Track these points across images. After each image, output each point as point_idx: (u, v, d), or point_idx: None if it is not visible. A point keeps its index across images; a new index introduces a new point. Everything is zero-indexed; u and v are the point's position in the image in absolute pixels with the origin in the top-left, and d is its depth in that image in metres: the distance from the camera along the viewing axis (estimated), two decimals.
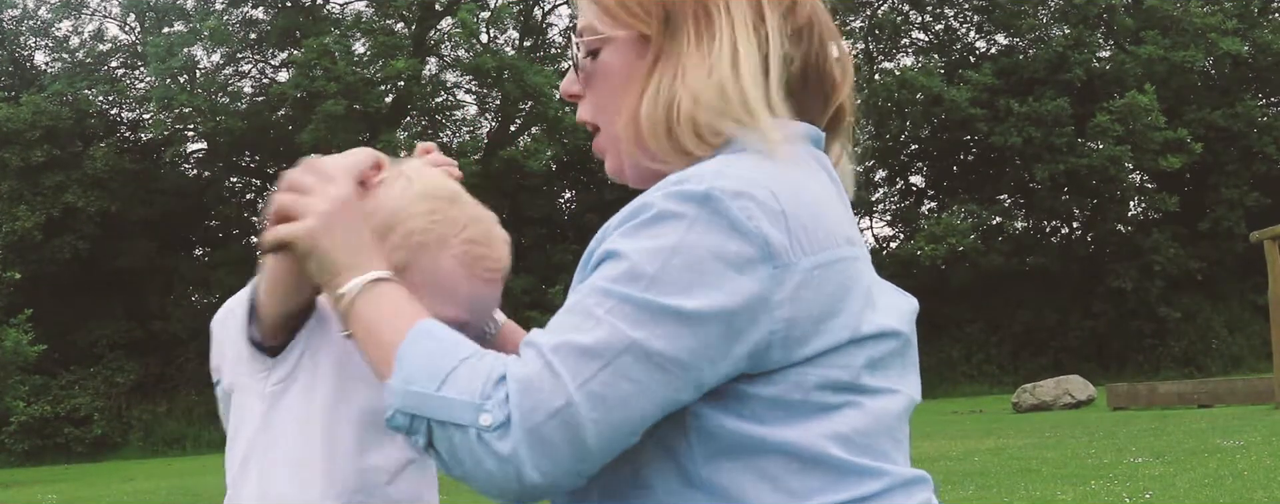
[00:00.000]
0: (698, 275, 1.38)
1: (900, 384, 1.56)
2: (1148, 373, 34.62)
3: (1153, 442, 14.43)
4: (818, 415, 1.47)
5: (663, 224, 1.41)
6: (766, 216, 1.41)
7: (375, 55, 36.13)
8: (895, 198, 42.53)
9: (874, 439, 1.51)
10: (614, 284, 1.40)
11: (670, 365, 1.38)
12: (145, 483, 20.70)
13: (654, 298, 1.38)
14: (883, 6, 41.69)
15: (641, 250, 1.40)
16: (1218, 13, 37.40)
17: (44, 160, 33.85)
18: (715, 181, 1.42)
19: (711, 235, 1.39)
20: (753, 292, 1.40)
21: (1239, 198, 36.94)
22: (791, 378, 1.45)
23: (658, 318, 1.38)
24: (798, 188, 1.47)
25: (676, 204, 1.41)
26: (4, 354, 28.31)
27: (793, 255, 1.42)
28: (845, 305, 1.47)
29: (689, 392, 1.41)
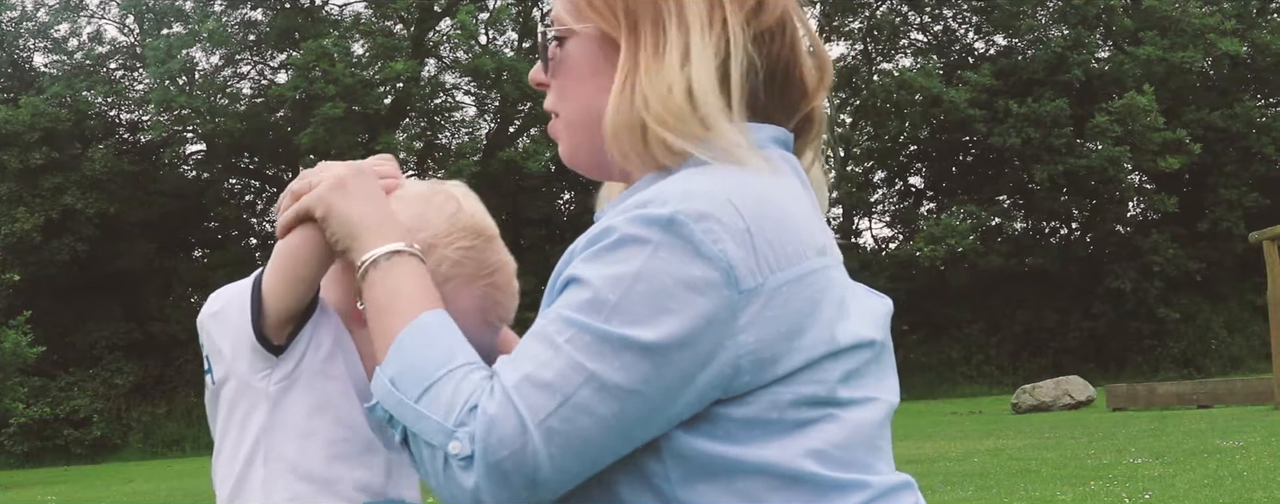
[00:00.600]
0: (660, 304, 1.37)
1: (877, 391, 1.54)
2: (1147, 374, 34.62)
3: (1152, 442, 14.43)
4: (794, 432, 1.45)
5: (626, 249, 1.40)
6: (731, 237, 1.39)
7: (374, 57, 36.12)
8: (894, 199, 42.54)
9: (853, 451, 1.49)
10: (575, 312, 1.39)
11: (630, 397, 1.38)
12: (145, 484, 20.70)
13: (613, 329, 1.37)
14: (881, 7, 41.70)
15: (604, 277, 1.39)
16: (1216, 13, 37.40)
17: (43, 162, 33.84)
18: (680, 204, 1.40)
19: (674, 262, 1.38)
20: (715, 318, 1.38)
21: (1238, 198, 36.94)
22: (765, 397, 1.44)
23: (617, 349, 1.37)
24: (765, 200, 1.45)
25: (640, 229, 1.40)
26: (3, 356, 28.29)
27: (759, 275, 1.40)
28: (817, 319, 1.45)
29: (656, 423, 1.41)
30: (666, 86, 1.49)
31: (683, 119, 1.48)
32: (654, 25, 1.53)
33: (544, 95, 1.66)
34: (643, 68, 1.51)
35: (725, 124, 1.49)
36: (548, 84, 1.66)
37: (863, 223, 42.05)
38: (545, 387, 1.37)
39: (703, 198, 1.41)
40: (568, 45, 1.61)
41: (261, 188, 41.09)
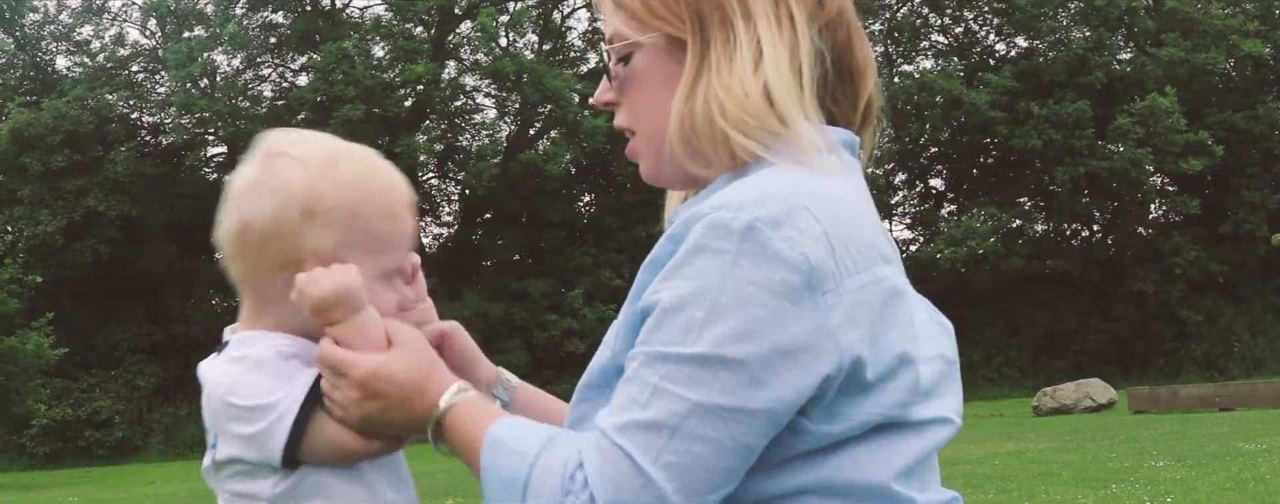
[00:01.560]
0: (747, 315, 1.36)
1: (947, 410, 1.55)
2: (1169, 376, 34.49)
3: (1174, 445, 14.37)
4: (879, 450, 1.46)
5: (703, 261, 1.38)
6: (810, 240, 1.38)
7: (394, 59, 36.20)
8: (915, 201, 42.48)
9: (922, 470, 1.52)
10: (664, 346, 1.38)
11: (738, 416, 1.37)
12: (166, 486, 20.77)
13: (704, 351, 1.36)
14: (902, 9, 41.64)
15: (686, 297, 1.38)
16: (1239, 14, 37.27)
17: (65, 165, 34.00)
18: (756, 210, 1.39)
19: (755, 270, 1.36)
20: (809, 322, 1.37)
21: (1260, 200, 36.78)
22: (852, 411, 1.44)
23: (713, 371, 1.36)
24: (838, 202, 1.45)
25: (717, 239, 1.38)
26: (25, 357, 28.42)
27: (840, 277, 1.39)
28: (893, 324, 1.45)
29: (770, 433, 1.40)
30: (743, 88, 1.48)
31: (763, 120, 1.48)
32: (722, 25, 1.52)
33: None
34: (714, 68, 1.51)
35: (803, 124, 1.49)
36: (616, 103, 1.63)
37: (883, 225, 41.81)
38: (651, 426, 1.36)
39: (779, 201, 1.40)
40: (635, 60, 1.59)
41: None
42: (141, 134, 39.03)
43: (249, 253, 1.75)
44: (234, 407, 1.68)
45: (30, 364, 28.82)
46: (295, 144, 1.77)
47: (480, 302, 33.66)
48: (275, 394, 1.67)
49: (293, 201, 1.70)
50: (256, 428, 1.66)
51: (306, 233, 1.69)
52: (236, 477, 1.71)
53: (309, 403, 1.65)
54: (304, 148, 1.77)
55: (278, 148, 1.77)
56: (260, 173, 1.75)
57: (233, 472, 1.71)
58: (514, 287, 34.52)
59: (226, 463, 1.71)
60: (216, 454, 1.71)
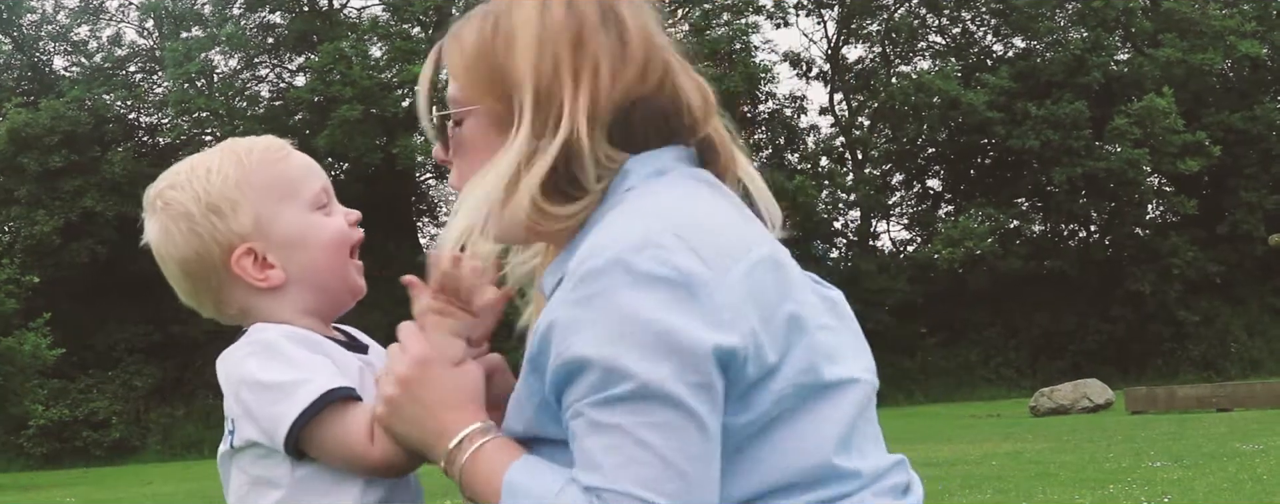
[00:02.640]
0: (655, 338, 1.43)
1: (858, 371, 1.60)
2: (1166, 377, 34.51)
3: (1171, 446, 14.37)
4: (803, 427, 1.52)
5: (593, 307, 1.45)
6: (675, 254, 1.46)
7: (392, 60, 36.20)
8: (912, 201, 42.49)
9: (856, 439, 1.57)
10: (602, 391, 1.44)
11: (700, 424, 1.44)
12: (163, 486, 20.76)
13: (640, 382, 1.42)
14: (899, 9, 41.64)
15: (596, 344, 1.44)
16: (1236, 15, 37.31)
17: (62, 165, 33.99)
18: (615, 247, 1.47)
19: (640, 295, 1.44)
20: (705, 322, 1.44)
21: (1258, 201, 36.81)
22: (763, 395, 1.50)
23: (660, 395, 1.43)
24: (688, 213, 1.53)
25: (595, 283, 1.46)
26: (23, 358, 28.41)
27: (718, 276, 1.46)
28: (782, 298, 1.52)
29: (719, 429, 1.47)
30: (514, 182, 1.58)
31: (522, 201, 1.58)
32: (532, 110, 1.59)
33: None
34: (522, 140, 1.59)
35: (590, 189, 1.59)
36: (450, 162, 1.71)
37: (881, 225, 41.98)
38: (638, 462, 1.42)
39: (633, 232, 1.49)
40: (466, 125, 1.67)
41: None
42: (139, 134, 39.02)
43: (207, 280, 1.87)
44: (250, 384, 1.73)
45: (27, 364, 28.80)
46: (162, 182, 1.93)
47: None
48: (289, 374, 1.72)
49: (194, 212, 1.84)
50: (270, 407, 1.71)
51: (225, 224, 1.82)
52: (257, 461, 1.77)
53: (327, 399, 1.69)
54: (169, 177, 1.92)
55: (152, 196, 1.93)
56: (158, 221, 1.90)
57: (253, 456, 1.77)
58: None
59: (245, 448, 1.76)
60: (234, 439, 1.77)
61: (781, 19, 40.22)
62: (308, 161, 1.88)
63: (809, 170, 39.79)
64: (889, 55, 42.09)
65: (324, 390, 1.69)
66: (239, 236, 1.81)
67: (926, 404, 32.64)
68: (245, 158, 1.85)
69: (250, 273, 1.81)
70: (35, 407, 30.77)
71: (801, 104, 41.85)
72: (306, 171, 1.87)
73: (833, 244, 40.54)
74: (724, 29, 38.35)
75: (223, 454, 1.84)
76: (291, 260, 1.82)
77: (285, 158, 1.87)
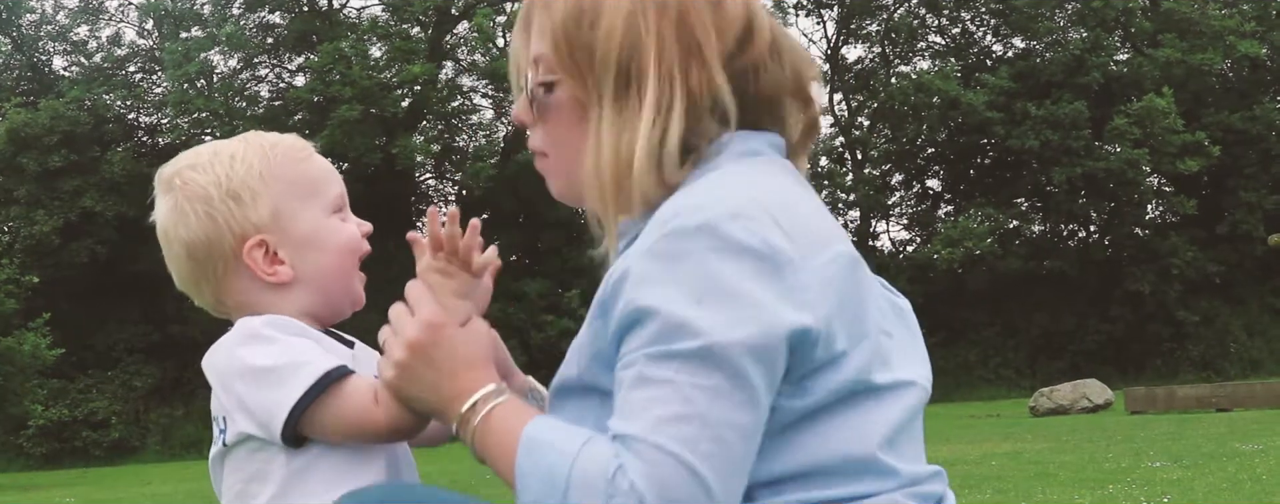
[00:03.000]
0: (733, 304, 1.42)
1: (914, 375, 1.62)
2: (1166, 377, 34.50)
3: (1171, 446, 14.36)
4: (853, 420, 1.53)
5: (677, 264, 1.45)
6: (765, 227, 1.47)
7: (391, 60, 36.18)
8: (912, 201, 42.48)
9: (903, 440, 1.59)
10: (665, 344, 1.43)
11: (752, 397, 1.43)
12: (163, 486, 20.74)
13: (707, 340, 1.41)
14: (899, 10, 41.64)
15: (670, 299, 1.43)
16: (1236, 15, 37.30)
17: (62, 165, 33.97)
18: (709, 210, 1.47)
19: (727, 262, 1.44)
20: (785, 301, 1.45)
21: (1258, 201, 36.81)
22: (823, 383, 1.50)
23: (719, 360, 1.41)
24: (779, 193, 1.55)
25: (682, 242, 1.45)
26: (22, 358, 28.39)
27: (803, 257, 1.48)
28: (857, 295, 1.54)
29: (768, 412, 1.47)
30: (629, 151, 1.58)
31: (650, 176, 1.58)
32: (613, 93, 1.60)
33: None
34: (616, 128, 1.59)
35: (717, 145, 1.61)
36: (531, 124, 1.71)
37: (880, 226, 42.00)
38: (681, 419, 1.40)
39: (727, 198, 1.49)
40: (557, 90, 1.66)
41: None
42: (138, 134, 39.00)
43: (213, 267, 1.86)
44: (243, 372, 1.73)
45: (27, 365, 28.78)
46: (180, 162, 1.89)
47: None
48: (285, 358, 1.71)
49: (213, 196, 1.81)
50: (268, 392, 1.70)
51: (242, 212, 1.80)
52: (251, 456, 1.75)
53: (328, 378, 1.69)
54: (190, 157, 1.88)
55: (169, 175, 1.89)
56: (172, 200, 1.87)
57: (247, 451, 1.75)
58: (511, 287, 34.51)
59: (237, 444, 1.73)
60: (227, 437, 1.76)
61: (781, 19, 40.19)
62: (328, 165, 1.90)
63: (808, 170, 39.76)
64: (888, 55, 42.10)
65: (324, 371, 1.69)
66: (254, 227, 1.80)
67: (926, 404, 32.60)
68: (270, 151, 1.86)
69: (260, 265, 1.81)
70: (35, 407, 30.76)
71: None
72: (327, 175, 1.88)
73: None
74: None
75: (214, 457, 1.81)
76: (303, 260, 1.82)
77: (308, 158, 1.88)
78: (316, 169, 1.87)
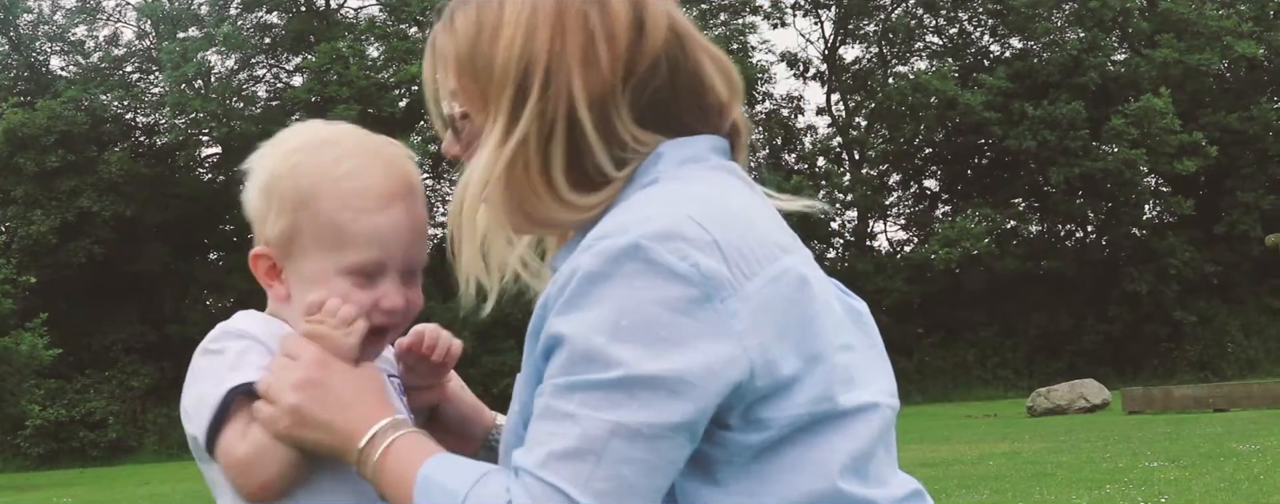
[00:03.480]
0: (653, 334, 1.35)
1: (879, 395, 1.53)
2: (1163, 377, 34.52)
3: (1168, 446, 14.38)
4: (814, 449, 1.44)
5: (599, 289, 1.37)
6: (700, 251, 1.38)
7: (389, 60, 36.18)
8: (909, 201, 42.48)
9: (869, 464, 1.49)
10: (572, 374, 1.36)
11: (662, 432, 1.36)
12: (160, 486, 20.74)
13: (615, 374, 1.35)
14: (896, 10, 41.64)
15: (586, 326, 1.36)
16: (1233, 15, 37.32)
17: (59, 165, 33.96)
18: (640, 229, 1.39)
19: (651, 288, 1.36)
20: (713, 332, 1.37)
21: (1255, 201, 36.83)
22: (776, 415, 1.43)
23: (630, 391, 1.35)
24: (721, 206, 1.45)
25: (607, 265, 1.38)
26: (20, 358, 28.39)
27: (737, 282, 1.39)
28: (805, 316, 1.44)
29: (689, 447, 1.40)
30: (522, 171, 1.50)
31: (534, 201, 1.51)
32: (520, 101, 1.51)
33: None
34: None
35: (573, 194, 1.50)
36: (460, 156, 1.62)
37: (878, 225, 42.02)
38: (575, 454, 1.34)
39: (660, 217, 1.40)
40: (473, 117, 1.58)
41: None
42: (135, 134, 38.99)
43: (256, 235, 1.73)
44: (189, 381, 1.69)
45: (24, 365, 28.78)
46: (289, 130, 1.74)
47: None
48: (210, 376, 1.65)
49: (256, 183, 1.68)
50: (197, 412, 1.66)
51: (266, 216, 1.66)
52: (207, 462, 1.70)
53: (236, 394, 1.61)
54: (288, 133, 1.73)
55: (274, 137, 1.74)
56: (260, 150, 1.73)
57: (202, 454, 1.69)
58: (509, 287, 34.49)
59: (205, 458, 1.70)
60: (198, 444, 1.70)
61: (779, 19, 40.27)
62: (388, 229, 1.63)
63: (806, 171, 39.81)
64: (886, 55, 42.09)
65: (227, 389, 1.61)
66: (265, 238, 1.67)
67: (923, 404, 32.62)
68: (339, 177, 1.64)
69: (260, 271, 1.70)
70: (32, 407, 30.75)
71: (798, 104, 41.93)
72: (370, 239, 1.63)
73: (830, 244, 40.55)
74: (721, 29, 38.34)
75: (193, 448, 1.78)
76: (299, 293, 1.67)
77: (364, 213, 1.63)
78: (361, 227, 1.62)
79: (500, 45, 1.52)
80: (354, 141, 1.68)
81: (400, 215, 1.63)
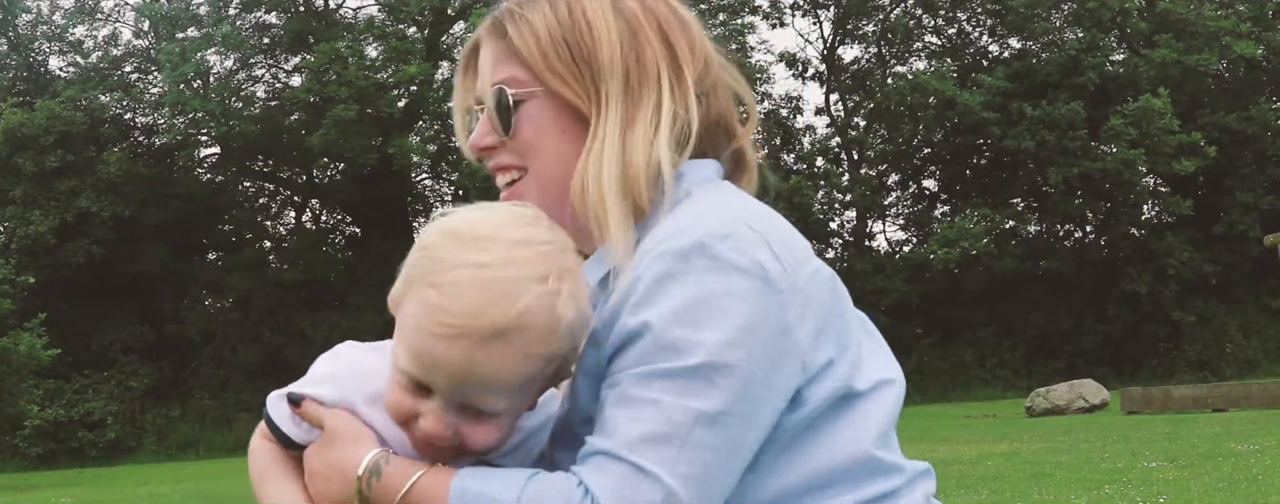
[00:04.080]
0: (726, 323, 1.42)
1: (889, 372, 1.63)
2: (1162, 377, 34.52)
3: (1167, 446, 14.38)
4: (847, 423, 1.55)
5: (670, 285, 1.45)
6: (755, 247, 1.48)
7: (388, 60, 36.16)
8: (908, 201, 42.48)
9: (892, 436, 1.61)
10: (652, 364, 1.42)
11: (737, 419, 1.43)
12: (159, 487, 20.74)
13: (694, 361, 1.41)
14: (895, 10, 41.64)
15: (662, 319, 1.43)
16: (1232, 15, 37.32)
17: (58, 165, 33.94)
18: (701, 230, 1.47)
19: (718, 282, 1.44)
20: (778, 320, 1.46)
21: (1253, 201, 36.83)
22: (814, 394, 1.52)
23: (708, 378, 1.41)
24: (761, 211, 1.57)
25: (675, 263, 1.45)
26: (18, 358, 28.37)
27: (788, 276, 1.49)
28: (835, 309, 1.56)
29: (760, 436, 1.47)
30: (642, 157, 1.58)
31: (653, 184, 1.58)
32: (622, 96, 1.61)
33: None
34: (614, 137, 1.59)
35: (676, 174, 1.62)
36: (495, 146, 1.69)
37: (876, 226, 42.02)
38: (661, 439, 1.40)
39: (716, 219, 1.50)
40: (528, 106, 1.65)
41: (275, 190, 41.20)
42: (134, 134, 38.98)
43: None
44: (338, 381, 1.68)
45: (23, 365, 28.77)
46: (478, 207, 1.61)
47: None
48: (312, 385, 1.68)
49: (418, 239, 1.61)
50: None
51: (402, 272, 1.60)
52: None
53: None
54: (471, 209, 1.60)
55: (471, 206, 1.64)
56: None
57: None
58: None
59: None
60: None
61: (777, 19, 40.24)
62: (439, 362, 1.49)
63: (805, 171, 39.79)
64: (885, 56, 42.09)
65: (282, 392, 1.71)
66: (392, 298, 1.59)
67: (922, 404, 32.63)
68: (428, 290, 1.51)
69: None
70: (30, 407, 30.74)
71: (797, 104, 41.89)
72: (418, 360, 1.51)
73: (828, 245, 40.56)
74: (720, 29, 38.33)
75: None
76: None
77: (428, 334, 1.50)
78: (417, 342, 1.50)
79: (613, 32, 1.63)
80: (496, 253, 1.49)
81: (457, 353, 1.47)
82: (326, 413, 1.60)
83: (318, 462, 1.57)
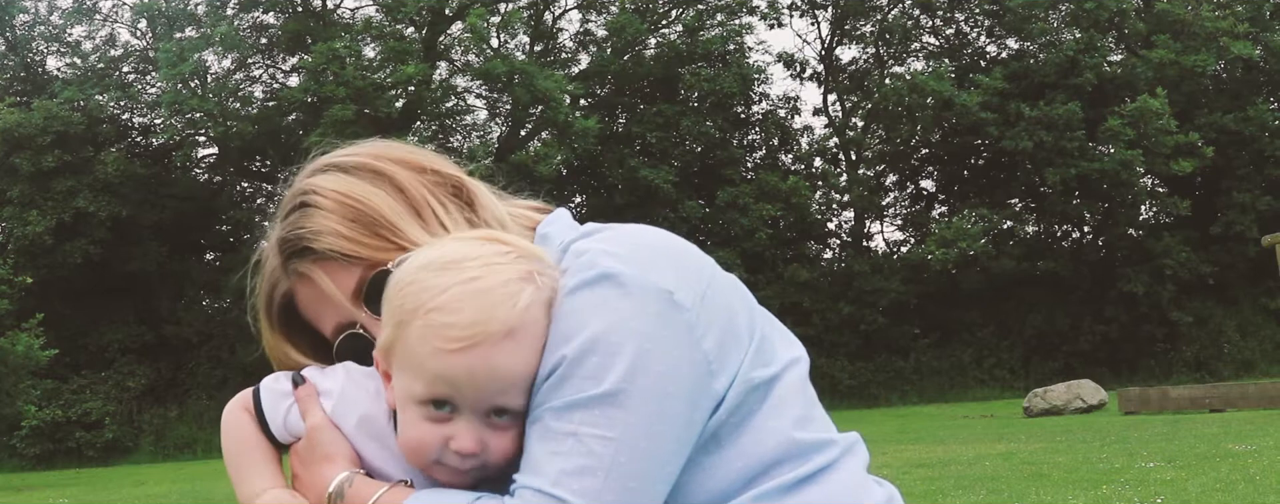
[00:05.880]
0: (637, 347, 1.46)
1: (796, 352, 1.67)
2: (1159, 377, 34.54)
3: (1164, 446, 14.38)
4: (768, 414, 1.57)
5: (582, 318, 1.48)
6: (657, 270, 1.52)
7: (385, 60, 36.16)
8: (906, 202, 42.51)
9: (814, 416, 1.63)
10: (568, 396, 1.45)
11: (658, 438, 1.45)
12: (156, 487, 20.72)
13: (608, 388, 1.44)
14: (893, 10, 41.65)
15: (575, 350, 1.46)
16: (1229, 16, 37.32)
17: (55, 165, 33.92)
18: (606, 261, 1.52)
19: (626, 306, 1.48)
20: (686, 337, 1.50)
21: (1251, 202, 36.85)
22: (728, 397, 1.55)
23: (622, 405, 1.44)
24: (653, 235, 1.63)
25: (583, 297, 1.50)
26: (15, 358, 28.34)
27: (691, 290, 1.53)
28: (737, 306, 1.61)
29: (688, 442, 1.50)
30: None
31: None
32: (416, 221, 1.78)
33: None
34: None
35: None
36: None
37: (874, 226, 42.03)
38: (585, 471, 1.42)
39: (617, 249, 1.55)
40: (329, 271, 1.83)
41: (273, 191, 41.09)
42: (132, 135, 38.95)
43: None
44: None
45: (20, 365, 28.73)
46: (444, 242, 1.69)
47: None
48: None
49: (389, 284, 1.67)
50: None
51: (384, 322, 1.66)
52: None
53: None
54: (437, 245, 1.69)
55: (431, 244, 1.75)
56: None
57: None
58: None
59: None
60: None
61: (775, 20, 40.25)
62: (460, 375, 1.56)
63: (802, 171, 39.81)
64: (883, 56, 42.10)
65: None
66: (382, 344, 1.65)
67: (920, 405, 32.64)
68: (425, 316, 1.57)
69: (380, 372, 1.69)
70: (28, 407, 30.70)
71: (795, 105, 41.92)
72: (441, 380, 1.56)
73: (826, 245, 40.58)
74: (718, 30, 38.37)
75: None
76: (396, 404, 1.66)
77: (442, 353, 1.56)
78: (434, 364, 1.55)
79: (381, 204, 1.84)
80: (477, 268, 1.58)
81: (477, 360, 1.53)
82: (315, 413, 1.68)
83: (301, 469, 1.65)
